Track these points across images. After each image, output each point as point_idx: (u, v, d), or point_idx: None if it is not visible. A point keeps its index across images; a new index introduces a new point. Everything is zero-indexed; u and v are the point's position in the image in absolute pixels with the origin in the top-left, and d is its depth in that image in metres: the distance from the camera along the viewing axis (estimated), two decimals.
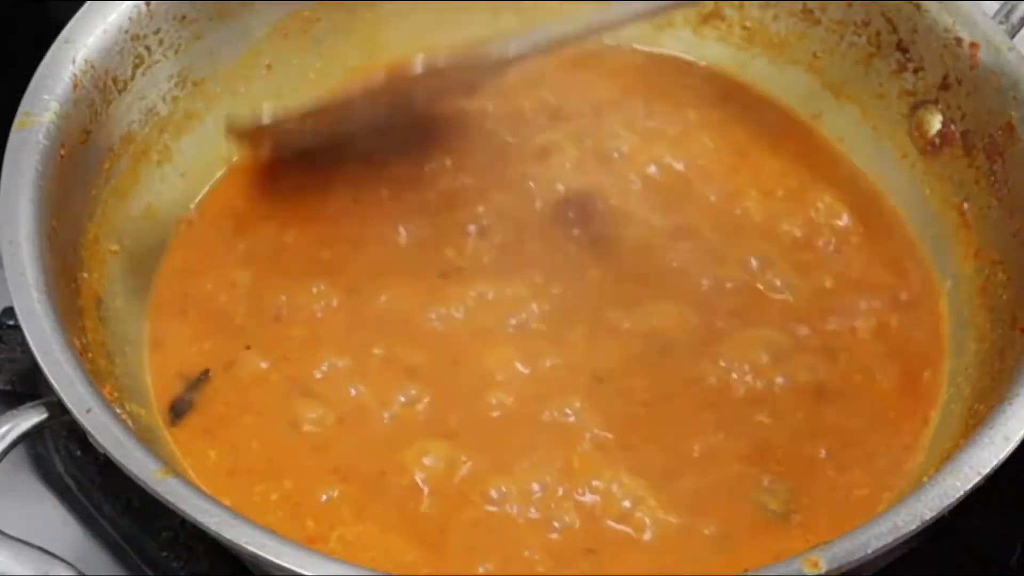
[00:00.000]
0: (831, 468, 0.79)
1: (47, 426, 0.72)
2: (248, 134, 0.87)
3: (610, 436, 0.78)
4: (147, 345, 0.82)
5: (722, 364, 0.81)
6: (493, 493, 0.76)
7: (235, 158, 0.90)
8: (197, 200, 0.89)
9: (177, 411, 0.79)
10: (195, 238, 0.88)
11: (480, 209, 0.87)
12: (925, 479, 0.72)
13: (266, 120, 0.85)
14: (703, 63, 0.97)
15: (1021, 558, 0.81)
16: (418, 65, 0.84)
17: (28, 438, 0.72)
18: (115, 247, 0.84)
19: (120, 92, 0.86)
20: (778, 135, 0.93)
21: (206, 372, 0.80)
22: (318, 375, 0.81)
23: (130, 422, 0.73)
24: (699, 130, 0.93)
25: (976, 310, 0.84)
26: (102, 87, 0.84)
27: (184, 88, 0.90)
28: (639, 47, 0.97)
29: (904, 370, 0.83)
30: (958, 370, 0.82)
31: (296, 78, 0.94)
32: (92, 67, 0.84)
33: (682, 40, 0.97)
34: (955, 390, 0.81)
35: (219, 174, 0.90)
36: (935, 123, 0.89)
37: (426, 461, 0.77)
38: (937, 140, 0.89)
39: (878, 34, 0.92)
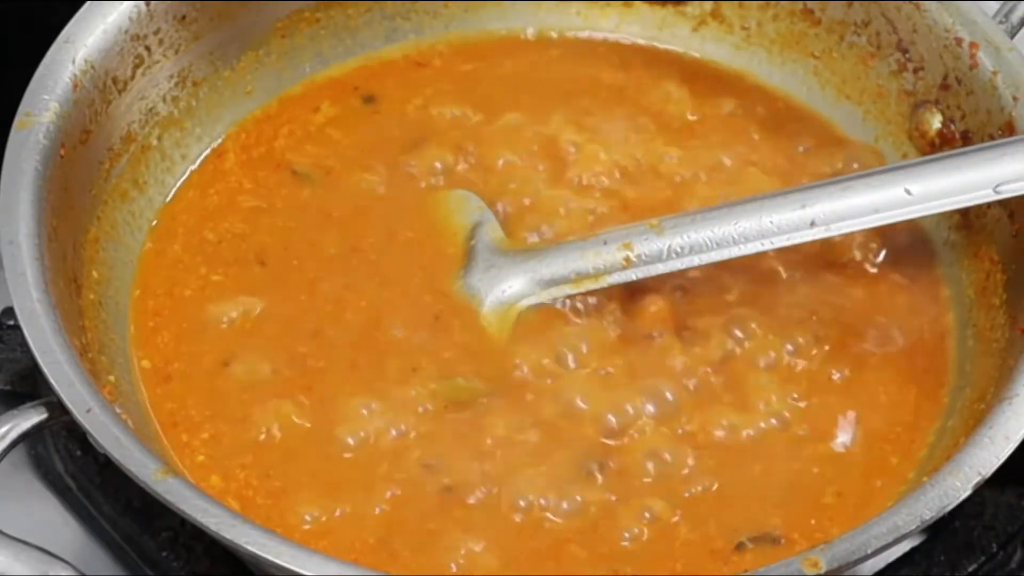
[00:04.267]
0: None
1: (47, 426, 0.72)
2: None
3: None
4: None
5: (746, 345, 0.82)
6: None
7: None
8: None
9: None
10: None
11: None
12: (925, 479, 0.72)
13: None
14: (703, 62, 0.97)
15: (1022, 559, 0.81)
16: None
17: (28, 438, 0.72)
18: (115, 247, 0.84)
19: (120, 92, 0.86)
20: (775, 135, 0.93)
21: None
22: None
23: (130, 422, 0.73)
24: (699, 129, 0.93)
25: (976, 310, 0.84)
26: (102, 87, 0.84)
27: (184, 88, 0.90)
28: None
29: (905, 370, 0.83)
30: (958, 370, 0.82)
31: (296, 78, 0.94)
32: (92, 67, 0.84)
33: (681, 39, 0.97)
34: (956, 390, 0.81)
35: None
36: (935, 123, 0.89)
37: None
38: (937, 140, 0.89)
39: (878, 34, 0.92)
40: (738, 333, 0.83)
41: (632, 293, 0.83)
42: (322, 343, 0.82)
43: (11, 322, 0.84)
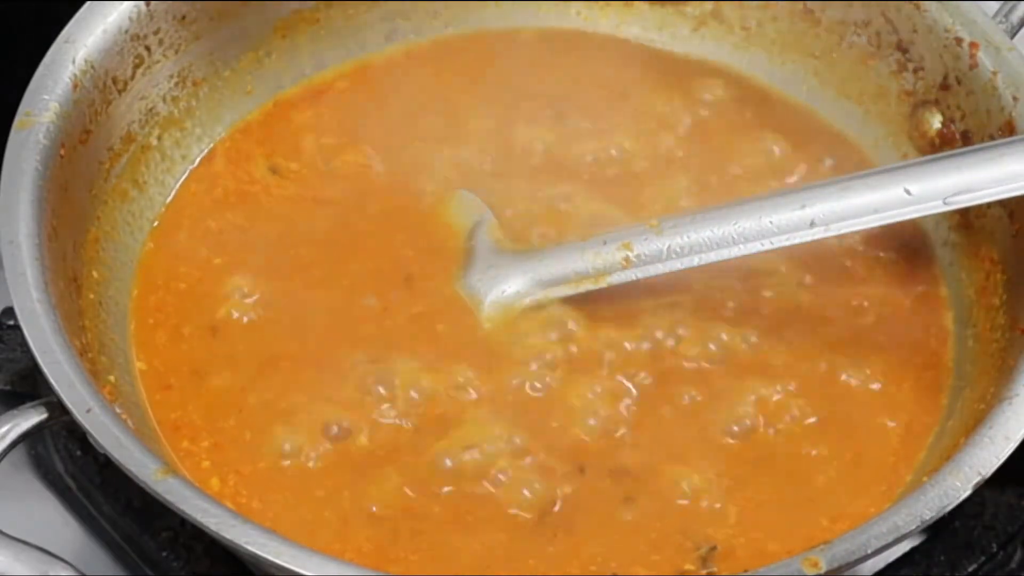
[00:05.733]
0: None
1: (47, 426, 0.72)
2: None
3: None
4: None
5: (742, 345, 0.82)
6: None
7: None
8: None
9: None
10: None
11: None
12: (925, 479, 0.72)
13: None
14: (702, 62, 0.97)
15: (1022, 559, 0.81)
16: None
17: (28, 438, 0.72)
18: (115, 247, 0.84)
19: (120, 92, 0.86)
20: (777, 135, 0.93)
21: None
22: None
23: (130, 422, 0.73)
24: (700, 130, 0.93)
25: (976, 310, 0.84)
26: (102, 87, 0.84)
27: (184, 88, 0.90)
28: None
29: (905, 371, 0.83)
30: (958, 370, 0.82)
31: (296, 78, 0.94)
32: (92, 67, 0.84)
33: (681, 39, 0.97)
34: (956, 390, 0.81)
35: None
36: (935, 123, 0.89)
37: None
38: (937, 140, 0.89)
39: (878, 34, 0.92)
40: (734, 333, 0.83)
41: (624, 292, 0.84)
42: (315, 339, 0.82)
43: (11, 322, 0.84)
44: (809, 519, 0.76)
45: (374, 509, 0.76)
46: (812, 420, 0.80)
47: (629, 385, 0.81)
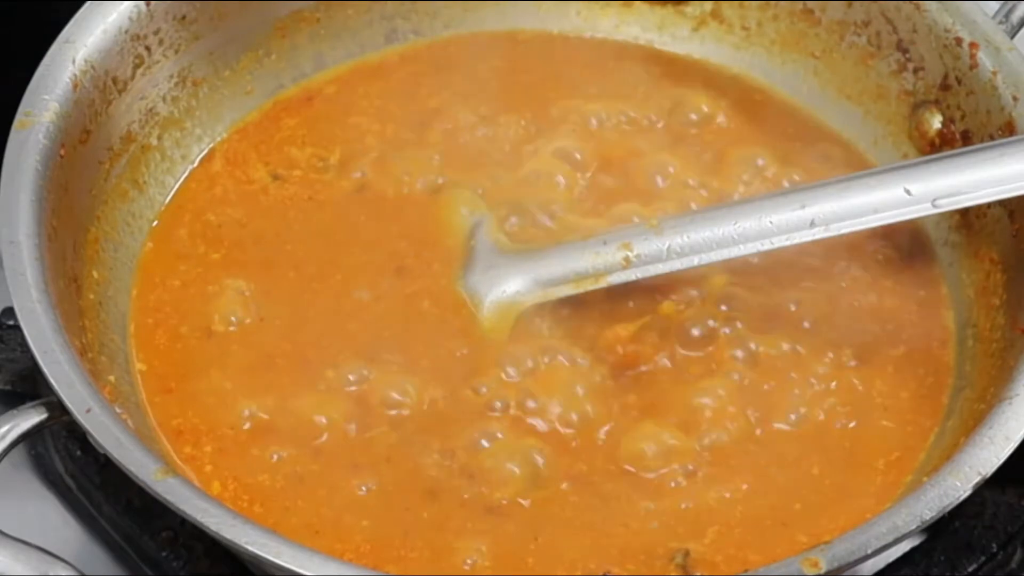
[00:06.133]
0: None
1: (47, 426, 0.72)
2: None
3: None
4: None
5: (738, 353, 0.82)
6: None
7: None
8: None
9: None
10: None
11: None
12: (925, 479, 0.72)
13: None
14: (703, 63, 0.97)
15: (1022, 559, 0.81)
16: None
17: (28, 438, 0.72)
18: (115, 247, 0.84)
19: (120, 92, 0.86)
20: (776, 135, 0.93)
21: None
22: None
23: (130, 422, 0.73)
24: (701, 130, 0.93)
25: (976, 310, 0.84)
26: (102, 87, 0.84)
27: (184, 88, 0.90)
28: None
29: (904, 371, 0.83)
30: (958, 371, 0.82)
31: (296, 78, 0.94)
32: (92, 67, 0.84)
33: (681, 39, 0.97)
34: (956, 391, 0.81)
35: None
36: (935, 123, 0.89)
37: None
38: (937, 140, 0.89)
39: (878, 34, 0.92)
40: (731, 335, 0.83)
41: (628, 294, 0.84)
42: (311, 337, 0.82)
43: (11, 322, 0.84)
44: (808, 518, 0.76)
45: (372, 509, 0.76)
46: (811, 420, 0.80)
47: (623, 388, 0.81)
